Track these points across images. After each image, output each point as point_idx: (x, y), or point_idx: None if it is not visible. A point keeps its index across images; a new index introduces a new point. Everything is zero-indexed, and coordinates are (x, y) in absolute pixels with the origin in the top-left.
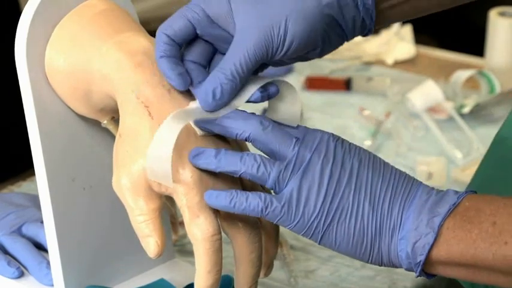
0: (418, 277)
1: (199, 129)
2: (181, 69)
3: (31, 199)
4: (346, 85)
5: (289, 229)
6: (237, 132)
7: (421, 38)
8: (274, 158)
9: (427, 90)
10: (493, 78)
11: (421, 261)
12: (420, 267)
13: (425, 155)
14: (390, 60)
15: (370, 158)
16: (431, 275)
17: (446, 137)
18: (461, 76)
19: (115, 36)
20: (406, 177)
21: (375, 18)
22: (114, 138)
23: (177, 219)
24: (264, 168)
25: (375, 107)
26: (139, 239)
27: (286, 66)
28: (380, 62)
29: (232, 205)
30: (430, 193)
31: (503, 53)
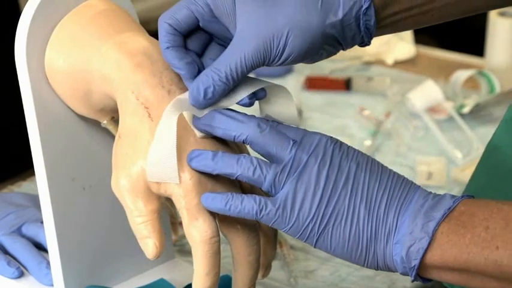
0: (413, 281)
1: (198, 131)
2: (189, 59)
3: (31, 199)
4: (346, 85)
5: (284, 232)
6: (234, 134)
7: (421, 38)
8: (272, 160)
9: (427, 90)
10: (493, 78)
11: (415, 265)
12: (415, 272)
13: (425, 155)
14: (390, 60)
15: (368, 161)
16: (426, 279)
17: (446, 137)
18: (461, 76)
19: (115, 36)
20: (403, 181)
21: (374, 33)
22: (113, 138)
23: (176, 220)
24: (260, 171)
25: (374, 107)
26: (139, 241)
27: (286, 66)
28: (380, 62)
29: (228, 208)
30: (426, 197)
31: (503, 53)
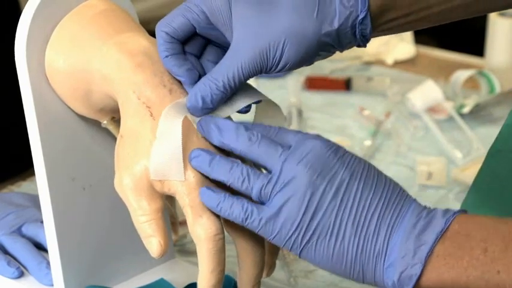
0: None
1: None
2: (188, 65)
3: (31, 199)
4: (346, 85)
5: (269, 240)
6: (227, 147)
7: (421, 38)
8: (265, 169)
9: (427, 90)
10: (493, 78)
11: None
12: None
13: (425, 155)
14: (390, 60)
15: (364, 168)
16: None
17: (446, 137)
18: (461, 76)
19: (115, 36)
20: (399, 192)
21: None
22: (114, 138)
23: (177, 219)
24: (248, 183)
25: (374, 107)
26: (142, 240)
27: None
28: (380, 62)
29: (219, 209)
30: (419, 215)
31: (503, 53)
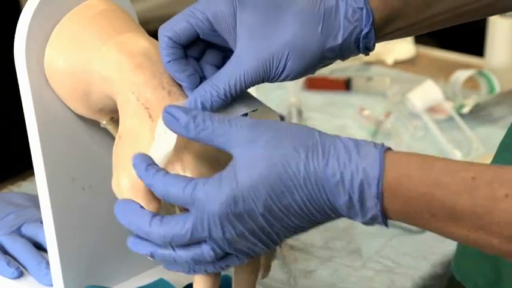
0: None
1: None
2: (190, 70)
3: (31, 199)
4: (346, 85)
5: None
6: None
7: (421, 38)
8: None
9: (427, 90)
10: (493, 78)
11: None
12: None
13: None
14: (390, 60)
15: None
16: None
17: (446, 137)
18: (461, 76)
19: (115, 37)
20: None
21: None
22: (113, 138)
23: None
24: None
25: (374, 107)
26: None
27: None
28: (380, 62)
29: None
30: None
31: (503, 53)
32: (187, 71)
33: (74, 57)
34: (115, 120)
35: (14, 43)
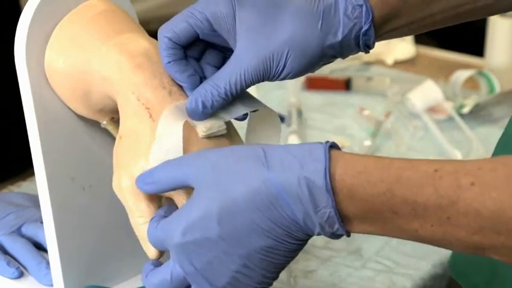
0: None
1: (200, 131)
2: (190, 71)
3: (31, 199)
4: (346, 85)
5: None
6: None
7: (420, 38)
8: None
9: (427, 90)
10: (493, 78)
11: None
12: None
13: (425, 155)
14: (390, 60)
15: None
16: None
17: (446, 137)
18: (461, 76)
19: (115, 37)
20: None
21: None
22: (113, 139)
23: None
24: None
25: (374, 107)
26: (139, 241)
27: None
28: (380, 62)
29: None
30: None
31: (503, 53)
32: (187, 72)
33: (74, 57)
34: (115, 120)
35: (14, 43)
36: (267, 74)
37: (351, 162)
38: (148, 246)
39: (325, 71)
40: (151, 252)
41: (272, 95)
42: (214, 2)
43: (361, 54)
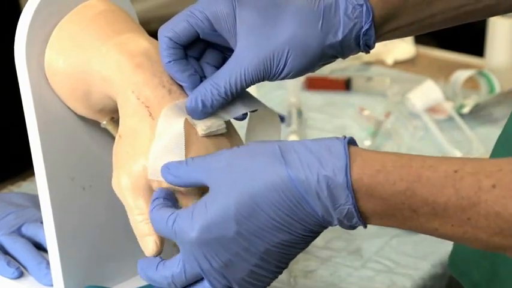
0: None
1: (200, 129)
2: (191, 70)
3: (31, 199)
4: (346, 85)
5: None
6: None
7: (420, 38)
8: None
9: (427, 90)
10: (493, 78)
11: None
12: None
13: (425, 155)
14: (390, 60)
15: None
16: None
17: (446, 137)
18: (461, 76)
19: (115, 37)
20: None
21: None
22: (113, 138)
23: None
24: None
25: (374, 107)
26: (137, 239)
27: None
28: (380, 62)
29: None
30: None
31: (503, 53)
32: (187, 71)
33: (73, 57)
34: (115, 120)
35: (15, 43)
36: (267, 74)
37: (369, 160)
38: (146, 243)
39: (325, 71)
40: (149, 249)
41: (272, 95)
42: (215, 1)
43: (361, 54)
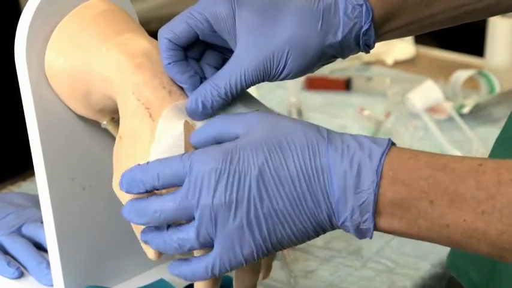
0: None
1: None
2: (191, 72)
3: (31, 199)
4: (346, 85)
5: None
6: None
7: (420, 38)
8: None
9: (427, 90)
10: (493, 78)
11: (370, 234)
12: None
13: None
14: (390, 60)
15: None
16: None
17: (446, 137)
18: (461, 76)
19: (115, 37)
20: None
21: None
22: (114, 139)
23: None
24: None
25: (374, 107)
26: (139, 241)
27: None
28: (380, 62)
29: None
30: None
31: (503, 53)
32: (188, 73)
33: (74, 57)
34: (115, 120)
35: (15, 43)
36: (267, 74)
37: (404, 150)
38: (147, 246)
39: (325, 71)
40: (151, 252)
41: (272, 95)
42: (214, 2)
43: (361, 54)
